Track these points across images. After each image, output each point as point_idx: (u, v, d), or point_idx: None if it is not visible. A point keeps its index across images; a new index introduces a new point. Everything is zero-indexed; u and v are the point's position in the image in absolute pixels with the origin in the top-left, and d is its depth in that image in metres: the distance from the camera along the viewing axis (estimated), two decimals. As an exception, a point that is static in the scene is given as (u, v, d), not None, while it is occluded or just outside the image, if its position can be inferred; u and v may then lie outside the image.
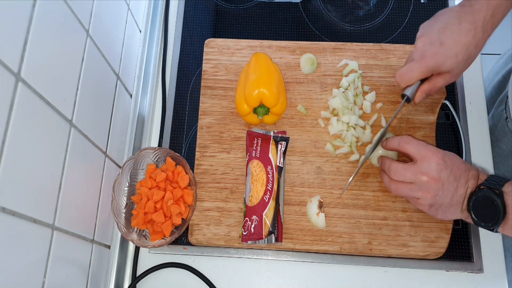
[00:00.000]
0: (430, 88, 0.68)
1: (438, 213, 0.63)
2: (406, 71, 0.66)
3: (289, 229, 0.71)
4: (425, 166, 0.60)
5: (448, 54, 0.63)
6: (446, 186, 0.60)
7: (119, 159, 0.74)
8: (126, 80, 0.76)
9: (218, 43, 0.82)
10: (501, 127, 0.80)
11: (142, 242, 0.68)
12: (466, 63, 0.65)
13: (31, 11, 0.45)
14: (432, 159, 0.60)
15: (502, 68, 0.91)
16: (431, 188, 0.60)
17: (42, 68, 0.47)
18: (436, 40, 0.63)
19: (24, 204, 0.45)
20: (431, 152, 0.61)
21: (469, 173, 0.60)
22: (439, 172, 0.60)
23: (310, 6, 0.88)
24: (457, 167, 0.61)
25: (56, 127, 0.51)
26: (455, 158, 0.62)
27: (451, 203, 0.61)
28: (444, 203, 0.61)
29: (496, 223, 0.56)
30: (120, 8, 0.72)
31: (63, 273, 0.55)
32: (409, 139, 0.64)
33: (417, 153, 0.62)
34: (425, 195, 0.61)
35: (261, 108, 0.72)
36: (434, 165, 0.60)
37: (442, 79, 0.67)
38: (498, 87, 0.90)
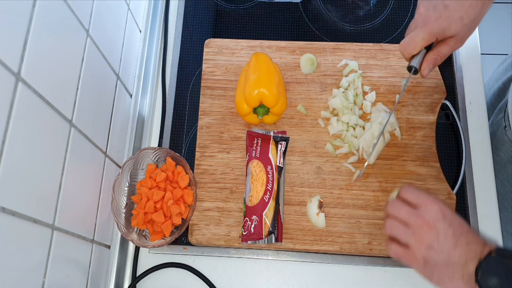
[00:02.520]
0: (435, 57, 0.64)
1: (434, 274, 0.56)
2: (409, 40, 0.63)
3: (289, 229, 0.71)
4: (423, 211, 0.56)
5: (452, 17, 0.60)
6: (442, 239, 0.54)
7: (119, 159, 0.74)
8: (126, 80, 0.76)
9: (218, 43, 0.82)
10: (500, 135, 0.79)
11: (142, 242, 0.68)
12: (471, 27, 0.62)
13: (31, 11, 0.45)
14: (431, 206, 0.56)
15: (502, 75, 0.90)
16: (425, 235, 0.55)
17: (42, 68, 0.47)
18: (439, 4, 0.60)
19: (24, 204, 0.45)
20: (431, 201, 0.56)
21: (472, 236, 0.54)
22: (435, 221, 0.55)
23: (310, 6, 0.88)
24: (458, 225, 0.55)
25: (56, 127, 0.51)
26: (458, 218, 0.56)
27: (448, 263, 0.54)
28: (440, 261, 0.54)
29: None
30: (120, 8, 0.72)
31: (63, 273, 0.55)
32: (410, 188, 0.59)
33: (417, 199, 0.57)
34: (418, 244, 0.55)
35: (261, 108, 0.72)
36: (433, 212, 0.55)
37: (447, 46, 0.63)
38: (498, 94, 0.90)
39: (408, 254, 0.57)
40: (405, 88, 0.69)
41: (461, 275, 0.53)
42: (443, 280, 0.55)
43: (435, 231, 0.55)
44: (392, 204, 0.59)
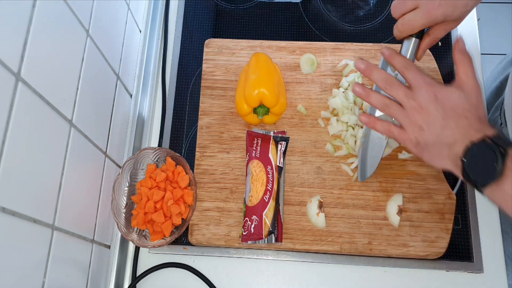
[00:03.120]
0: (431, 42, 0.64)
1: (424, 153, 0.58)
2: (408, 22, 0.60)
3: (289, 229, 0.71)
4: (417, 94, 0.57)
5: (458, 4, 0.59)
6: (432, 121, 0.56)
7: (119, 159, 0.74)
8: (126, 80, 0.76)
9: (218, 43, 0.82)
10: None
11: (142, 242, 0.68)
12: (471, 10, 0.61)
13: (31, 11, 0.45)
14: (426, 89, 0.57)
15: (500, 74, 0.90)
16: (417, 117, 0.57)
17: (42, 68, 0.47)
18: None
19: (24, 204, 0.45)
20: (426, 83, 0.57)
21: (466, 120, 0.55)
22: (427, 104, 0.56)
23: (310, 6, 0.88)
24: (451, 108, 0.56)
25: (56, 127, 0.51)
26: (456, 98, 0.56)
27: (437, 143, 0.56)
28: (430, 142, 0.57)
29: (486, 182, 0.51)
30: (120, 8, 0.72)
31: (63, 273, 0.55)
32: (411, 66, 0.59)
33: (414, 80, 0.58)
34: (411, 125, 0.58)
35: (261, 108, 0.72)
36: (426, 95, 0.57)
37: (444, 30, 0.63)
38: (495, 93, 0.90)
39: (402, 134, 0.59)
40: None
41: (448, 154, 0.56)
42: (432, 158, 0.58)
43: (426, 113, 0.56)
44: (390, 81, 0.59)
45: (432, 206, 0.72)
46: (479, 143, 0.52)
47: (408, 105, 0.58)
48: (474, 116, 0.55)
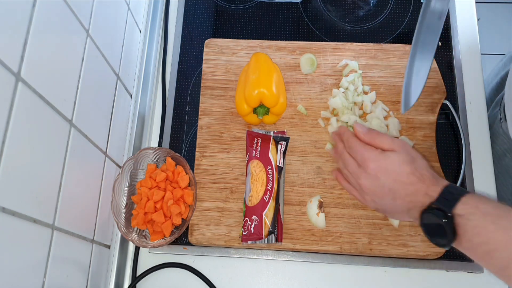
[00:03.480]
0: None
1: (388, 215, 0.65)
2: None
3: (289, 229, 0.71)
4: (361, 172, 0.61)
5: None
6: (380, 196, 0.60)
7: (119, 159, 0.74)
8: (126, 80, 0.76)
9: (218, 43, 0.82)
10: (495, 128, 0.80)
11: (142, 242, 0.68)
12: None
13: (31, 11, 0.45)
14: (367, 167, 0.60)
15: (501, 70, 0.91)
16: (366, 196, 0.62)
17: (42, 68, 0.47)
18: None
19: (24, 204, 0.45)
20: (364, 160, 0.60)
21: (412, 186, 0.57)
22: (370, 183, 0.60)
23: (310, 6, 0.88)
24: (394, 179, 0.58)
25: (56, 127, 0.51)
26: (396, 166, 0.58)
27: (394, 210, 0.61)
28: (388, 210, 0.62)
29: (447, 244, 0.54)
30: (120, 8, 0.72)
31: (63, 273, 0.55)
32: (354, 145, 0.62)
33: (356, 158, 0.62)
34: (364, 197, 0.63)
35: (261, 108, 0.72)
36: (367, 175, 0.60)
37: None
38: (496, 89, 0.90)
39: (363, 200, 0.64)
40: None
41: (408, 216, 0.60)
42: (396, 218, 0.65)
43: (373, 192, 0.60)
44: (343, 155, 0.64)
45: (432, 206, 0.72)
46: (427, 211, 0.54)
47: (356, 184, 0.63)
48: (418, 178, 0.57)
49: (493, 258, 0.49)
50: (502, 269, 0.49)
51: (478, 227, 0.50)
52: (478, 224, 0.50)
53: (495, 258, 0.49)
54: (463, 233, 0.51)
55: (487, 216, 0.49)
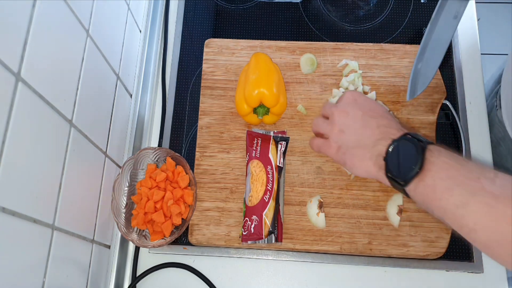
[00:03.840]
0: None
1: (346, 158, 0.59)
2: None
3: (289, 229, 0.71)
4: (339, 102, 0.63)
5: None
6: (352, 122, 0.59)
7: (119, 159, 0.74)
8: (126, 80, 0.76)
9: (218, 43, 0.82)
10: (492, 116, 0.80)
11: (142, 242, 0.68)
12: None
13: (31, 11, 0.45)
14: (346, 95, 0.63)
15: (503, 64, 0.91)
16: (337, 121, 0.60)
17: (42, 68, 0.47)
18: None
19: (24, 204, 0.45)
20: (348, 92, 0.64)
21: (386, 120, 0.57)
22: (346, 106, 0.61)
23: (310, 6, 0.88)
24: (370, 108, 0.60)
25: (56, 127, 0.51)
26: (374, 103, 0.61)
27: (358, 145, 0.57)
28: (351, 144, 0.58)
29: (408, 177, 0.51)
30: (120, 8, 0.72)
31: (63, 273, 0.55)
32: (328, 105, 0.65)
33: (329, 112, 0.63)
34: (332, 130, 0.61)
35: (261, 108, 0.72)
36: (345, 100, 0.62)
37: None
38: (498, 80, 0.90)
39: (325, 144, 0.63)
40: None
41: (369, 155, 0.56)
42: (354, 162, 0.58)
43: (345, 115, 0.60)
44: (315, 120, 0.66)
45: (432, 206, 0.72)
46: (400, 139, 0.53)
47: (329, 112, 0.62)
48: (391, 118, 0.58)
49: (452, 194, 0.48)
50: (458, 206, 0.47)
51: (446, 163, 0.50)
52: (446, 160, 0.50)
53: (454, 195, 0.47)
54: (429, 167, 0.50)
55: (455, 158, 0.50)
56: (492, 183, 0.46)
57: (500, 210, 0.44)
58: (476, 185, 0.46)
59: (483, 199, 0.45)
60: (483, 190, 0.46)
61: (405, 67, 0.79)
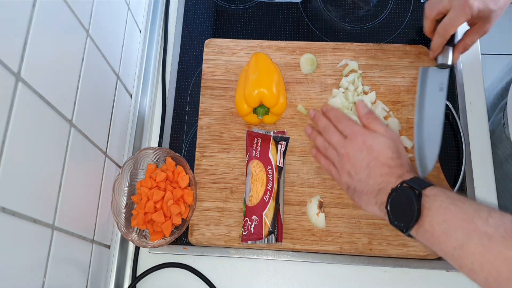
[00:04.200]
0: (466, 46, 0.72)
1: (355, 198, 0.64)
2: (449, 21, 0.66)
3: (289, 229, 0.71)
4: (348, 142, 0.64)
5: None
6: (358, 169, 0.62)
7: (119, 159, 0.74)
8: (126, 80, 0.76)
9: (218, 43, 0.82)
10: (498, 133, 0.80)
11: (142, 242, 0.68)
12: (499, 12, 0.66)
13: (31, 11, 0.45)
14: (353, 138, 0.64)
15: (506, 75, 0.91)
16: (346, 164, 0.63)
17: (42, 68, 0.47)
18: None
19: (24, 204, 0.45)
20: (354, 133, 0.64)
21: (388, 168, 0.59)
22: (354, 152, 0.62)
23: (310, 6, 0.88)
24: (375, 157, 0.61)
25: (56, 127, 0.51)
26: (381, 147, 0.61)
27: (364, 190, 0.61)
28: (358, 188, 0.62)
29: (409, 224, 0.54)
30: (120, 8, 0.72)
31: (63, 273, 0.55)
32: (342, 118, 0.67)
33: (345, 131, 0.66)
34: (341, 170, 0.64)
35: (261, 108, 0.72)
36: (355, 145, 0.63)
37: (476, 34, 0.70)
38: (501, 94, 0.90)
39: (337, 176, 0.66)
40: None
41: (374, 201, 0.60)
42: (361, 204, 0.63)
43: (353, 162, 0.62)
44: (328, 128, 0.68)
45: (432, 206, 0.71)
46: (397, 189, 0.57)
47: (339, 152, 0.65)
48: (396, 164, 0.60)
49: (449, 237, 0.50)
50: (456, 248, 0.49)
51: (442, 207, 0.52)
52: (441, 204, 0.52)
53: (451, 239, 0.50)
54: (426, 213, 0.53)
55: (450, 199, 0.52)
56: (485, 223, 0.48)
57: (495, 250, 0.46)
58: (470, 226, 0.48)
59: (478, 241, 0.47)
60: (477, 231, 0.48)
61: (405, 67, 0.79)
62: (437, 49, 0.73)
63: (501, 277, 0.45)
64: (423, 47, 0.80)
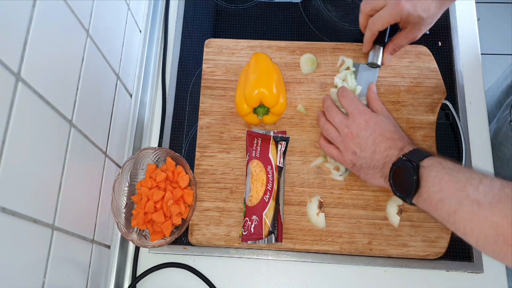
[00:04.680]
0: (394, 47, 0.75)
1: (361, 174, 0.67)
2: (378, 18, 0.69)
3: (289, 229, 0.71)
4: (351, 121, 0.66)
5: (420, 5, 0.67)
6: (363, 146, 0.64)
7: (119, 159, 0.74)
8: (126, 80, 0.76)
9: (218, 43, 0.82)
10: (505, 130, 0.80)
11: (142, 242, 0.68)
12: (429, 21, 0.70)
13: (31, 11, 0.45)
14: (358, 117, 0.65)
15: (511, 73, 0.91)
16: (350, 144, 0.65)
17: (42, 68, 0.47)
18: None
19: (24, 204, 0.45)
20: (358, 111, 0.66)
21: (392, 142, 0.63)
22: (358, 131, 0.64)
23: (310, 6, 0.88)
24: (380, 133, 0.64)
25: (56, 127, 0.51)
26: (384, 123, 0.65)
27: (370, 166, 0.64)
28: (364, 165, 0.65)
29: (409, 194, 0.58)
30: (120, 8, 0.72)
31: (63, 273, 0.55)
32: (347, 94, 0.69)
33: (348, 108, 0.67)
34: (345, 149, 0.66)
35: (261, 108, 0.72)
36: (357, 123, 0.65)
37: (404, 38, 0.73)
38: (506, 91, 0.90)
39: (340, 156, 0.68)
40: None
41: (380, 174, 0.64)
42: (368, 179, 0.67)
43: (358, 140, 0.64)
44: (331, 108, 0.70)
45: (432, 206, 0.72)
46: (397, 162, 0.60)
47: (342, 132, 0.67)
48: (398, 137, 0.64)
49: (444, 205, 0.54)
50: (450, 215, 0.54)
51: (437, 177, 0.55)
52: (437, 174, 0.56)
53: (445, 206, 0.54)
54: (424, 184, 0.57)
55: (445, 169, 0.56)
56: (476, 190, 0.52)
57: (482, 215, 0.50)
58: (462, 194, 0.52)
59: (468, 208, 0.51)
60: (468, 199, 0.52)
61: (405, 67, 0.79)
62: (367, 44, 0.76)
63: (488, 239, 0.50)
64: (423, 47, 0.80)
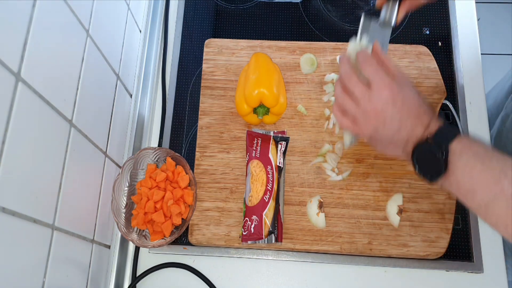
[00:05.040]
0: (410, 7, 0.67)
1: (377, 146, 0.61)
2: None
3: (289, 229, 0.71)
4: (374, 95, 0.57)
5: None
6: (389, 124, 0.57)
7: (119, 159, 0.74)
8: (126, 80, 0.76)
9: (218, 43, 0.82)
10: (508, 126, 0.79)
11: (142, 242, 0.68)
12: None
13: (31, 11, 0.45)
14: (383, 91, 0.56)
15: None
16: (373, 120, 0.57)
17: (42, 68, 0.47)
18: None
19: (24, 204, 0.45)
20: (383, 84, 0.57)
21: (419, 119, 0.56)
22: (384, 107, 0.56)
23: (310, 6, 0.88)
24: (408, 109, 0.56)
25: (56, 127, 0.51)
26: (411, 97, 0.57)
27: (392, 141, 0.58)
28: (384, 140, 0.58)
29: (436, 178, 0.54)
30: (120, 8, 0.72)
31: (63, 273, 0.55)
32: (371, 61, 0.59)
33: (372, 78, 0.58)
34: (365, 124, 0.58)
35: (261, 108, 0.72)
36: (383, 98, 0.56)
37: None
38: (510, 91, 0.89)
39: (357, 128, 0.60)
40: None
41: (401, 149, 0.58)
42: (385, 151, 0.61)
43: (382, 117, 0.57)
44: (350, 77, 0.59)
45: (432, 206, 0.72)
46: (423, 143, 0.55)
47: (363, 106, 0.58)
48: (424, 111, 0.57)
49: (475, 195, 0.51)
50: (481, 206, 0.51)
51: (467, 166, 0.52)
52: (467, 163, 0.52)
53: (476, 196, 0.51)
54: (452, 170, 0.53)
55: (477, 156, 0.51)
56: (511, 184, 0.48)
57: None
58: (497, 188, 0.49)
59: (504, 204, 0.48)
60: (503, 193, 0.49)
61: (405, 67, 0.79)
62: None
63: None
64: (423, 47, 0.80)
